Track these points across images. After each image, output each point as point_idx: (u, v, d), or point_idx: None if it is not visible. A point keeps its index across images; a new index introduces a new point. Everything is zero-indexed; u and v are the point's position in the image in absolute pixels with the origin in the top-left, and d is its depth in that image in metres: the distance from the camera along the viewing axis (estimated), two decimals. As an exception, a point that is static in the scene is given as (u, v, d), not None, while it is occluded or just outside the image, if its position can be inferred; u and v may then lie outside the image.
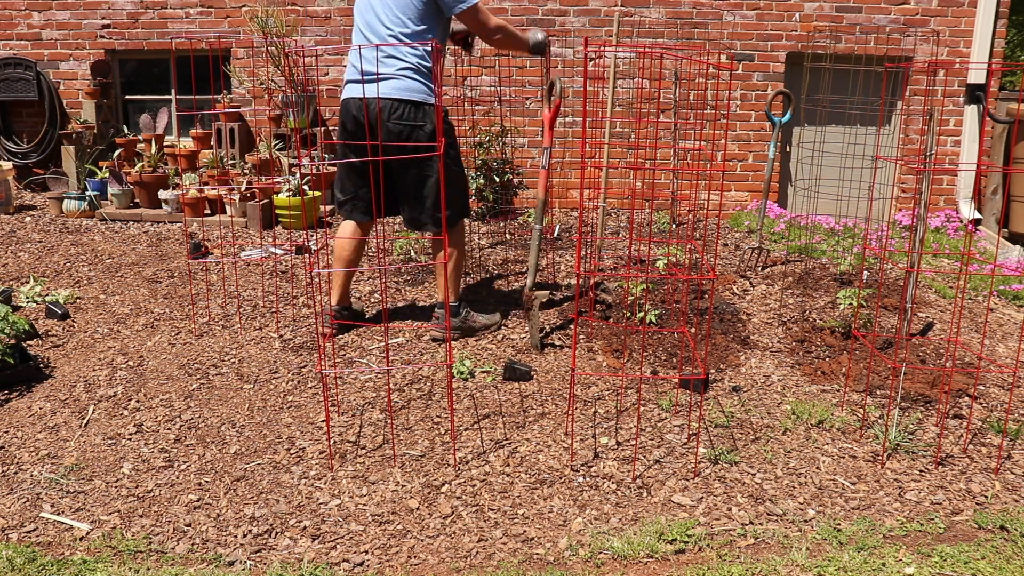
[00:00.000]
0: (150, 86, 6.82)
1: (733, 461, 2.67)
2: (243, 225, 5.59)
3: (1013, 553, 2.22)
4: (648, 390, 3.19)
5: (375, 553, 2.25)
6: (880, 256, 4.49)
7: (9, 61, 6.41)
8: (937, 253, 5.30)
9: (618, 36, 4.64)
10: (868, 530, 2.33)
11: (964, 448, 2.76)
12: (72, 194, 5.87)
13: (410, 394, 3.16)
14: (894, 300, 4.14)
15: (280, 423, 2.94)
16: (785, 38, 6.23)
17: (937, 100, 6.25)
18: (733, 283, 4.41)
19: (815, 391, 3.19)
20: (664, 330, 3.68)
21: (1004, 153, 6.38)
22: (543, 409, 3.03)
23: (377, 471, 2.62)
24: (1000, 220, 6.17)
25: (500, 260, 4.84)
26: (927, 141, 3.04)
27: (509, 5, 6.23)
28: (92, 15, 6.49)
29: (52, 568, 2.17)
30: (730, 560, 2.21)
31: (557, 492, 2.51)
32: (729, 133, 6.32)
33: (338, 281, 3.72)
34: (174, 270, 4.65)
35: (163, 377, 3.32)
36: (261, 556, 2.24)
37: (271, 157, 5.79)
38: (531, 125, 6.37)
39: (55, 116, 6.46)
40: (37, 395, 3.18)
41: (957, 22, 6.18)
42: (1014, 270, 4.82)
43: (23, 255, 4.91)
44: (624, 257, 4.90)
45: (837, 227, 5.69)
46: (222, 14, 6.41)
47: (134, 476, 2.62)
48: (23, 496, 2.51)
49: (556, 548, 2.26)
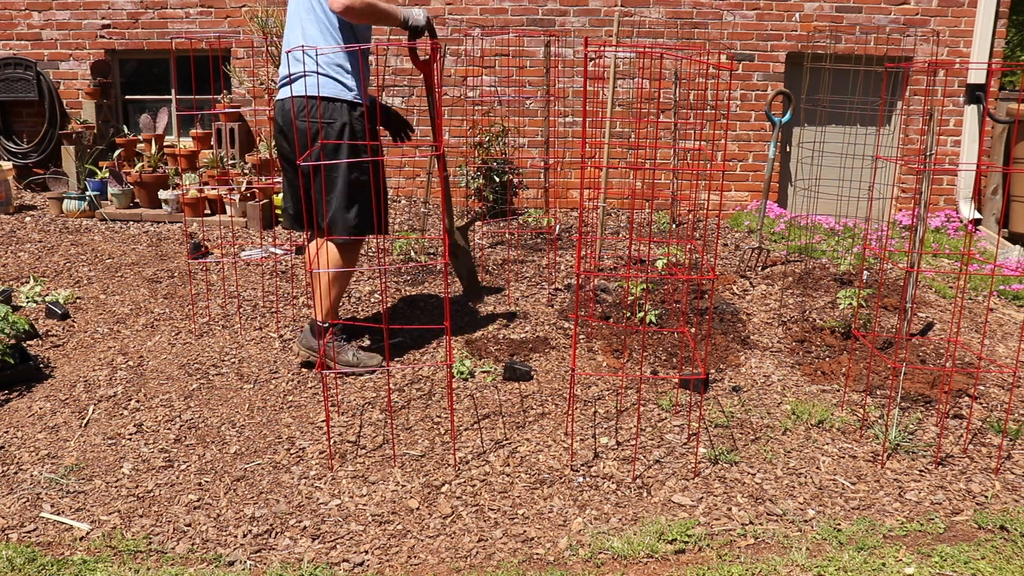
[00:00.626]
0: (150, 86, 6.82)
1: (733, 461, 2.67)
2: (243, 225, 5.59)
3: (1013, 553, 2.22)
4: (648, 390, 3.19)
5: (375, 553, 2.25)
6: (880, 256, 4.49)
7: (9, 61, 6.41)
8: (937, 253, 5.30)
9: (618, 36, 4.64)
10: (868, 530, 2.33)
11: (964, 448, 2.76)
12: (72, 194, 5.87)
13: (410, 394, 3.16)
14: (894, 300, 4.14)
15: (280, 423, 2.94)
16: (785, 38, 6.23)
17: (937, 100, 6.25)
18: (733, 283, 4.41)
19: (815, 391, 3.19)
20: (664, 330, 3.68)
21: (1004, 153, 6.38)
22: (543, 409, 3.03)
23: (377, 471, 2.62)
24: (1000, 220, 6.17)
25: (500, 260, 4.84)
26: (927, 141, 3.04)
27: (509, 5, 6.23)
28: (92, 15, 6.49)
29: (52, 568, 2.17)
30: (730, 560, 2.20)
31: (557, 492, 2.51)
32: (729, 133, 6.32)
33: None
34: (174, 270, 4.65)
35: (163, 377, 3.32)
36: (261, 556, 2.24)
37: (271, 157, 5.80)
38: (531, 125, 6.36)
39: (55, 116, 6.46)
40: (37, 395, 3.18)
41: (957, 22, 6.18)
42: (1014, 270, 4.82)
43: (23, 255, 4.91)
44: (624, 257, 4.90)
45: (837, 227, 5.69)
46: (222, 14, 6.41)
47: (134, 476, 2.62)
48: (23, 496, 2.51)
49: (556, 548, 2.26)
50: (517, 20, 6.25)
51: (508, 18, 6.27)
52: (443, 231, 3.31)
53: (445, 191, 3.16)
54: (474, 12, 6.27)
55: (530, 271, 4.61)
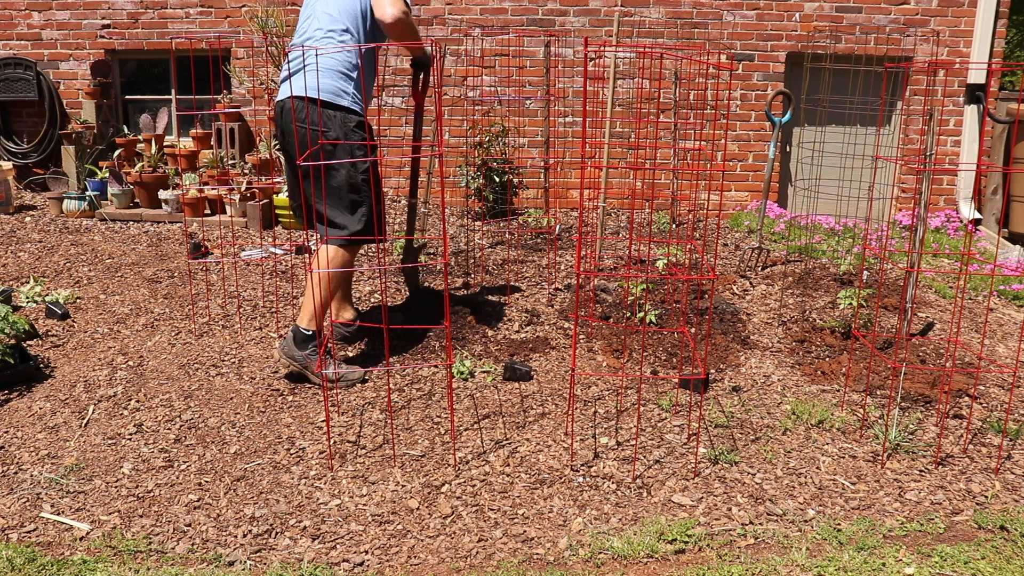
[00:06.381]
0: (150, 86, 6.82)
1: (733, 461, 2.67)
2: (243, 225, 5.59)
3: (1013, 553, 2.22)
4: (648, 390, 3.19)
5: (375, 553, 2.25)
6: (880, 256, 4.49)
7: (9, 61, 6.41)
8: (937, 253, 5.30)
9: (618, 36, 4.64)
10: (868, 530, 2.33)
11: (964, 448, 2.76)
12: (72, 194, 5.87)
13: (410, 394, 3.16)
14: (894, 300, 4.14)
15: (280, 423, 2.94)
16: (785, 38, 6.23)
17: (937, 100, 6.24)
18: (733, 283, 4.41)
19: (815, 391, 3.19)
20: (664, 330, 3.68)
21: (1004, 153, 6.38)
22: (543, 409, 3.03)
23: (377, 471, 2.62)
24: (1000, 220, 6.17)
25: (500, 260, 4.84)
26: (927, 141, 3.04)
27: (509, 5, 6.23)
28: (92, 15, 6.49)
29: (52, 568, 2.17)
30: (730, 560, 2.20)
31: (557, 492, 2.51)
32: (729, 133, 6.32)
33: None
34: (174, 270, 4.65)
35: (163, 377, 3.32)
36: (261, 556, 2.24)
37: (271, 157, 5.80)
38: (531, 125, 6.36)
39: (55, 116, 6.46)
40: (37, 395, 3.18)
41: (957, 22, 6.18)
42: (1014, 270, 4.82)
43: (23, 255, 4.91)
44: (624, 257, 4.90)
45: (837, 227, 5.69)
46: (222, 14, 6.41)
47: (134, 476, 2.62)
48: (23, 496, 2.51)
49: (556, 548, 2.26)
50: (517, 20, 6.25)
51: (508, 18, 6.26)
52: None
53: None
54: (474, 12, 6.27)
55: (530, 271, 4.61)
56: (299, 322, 3.17)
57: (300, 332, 3.16)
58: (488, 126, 5.76)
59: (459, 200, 6.11)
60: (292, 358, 3.18)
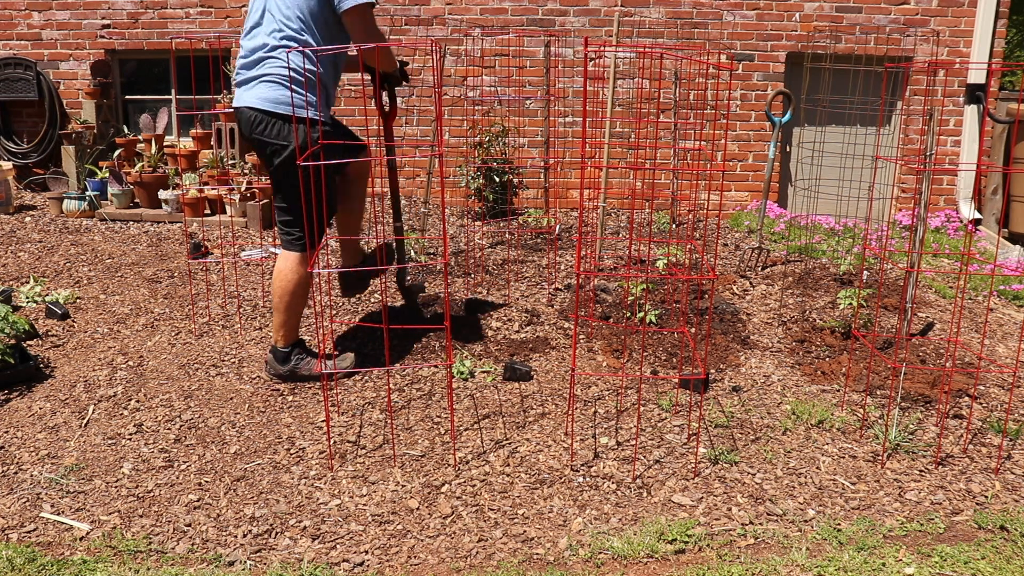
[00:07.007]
0: (150, 86, 6.82)
1: (733, 461, 2.67)
2: (243, 225, 5.59)
3: (1013, 553, 2.22)
4: (648, 390, 3.19)
5: (375, 553, 2.25)
6: (880, 256, 4.49)
7: (9, 61, 6.42)
8: (937, 253, 5.30)
9: (618, 36, 4.64)
10: (868, 530, 2.33)
11: (964, 448, 2.76)
12: (72, 194, 5.87)
13: (410, 394, 3.16)
14: (894, 300, 4.14)
15: (280, 423, 2.94)
16: (785, 38, 6.23)
17: (937, 100, 6.25)
18: (733, 283, 4.41)
19: (815, 391, 3.19)
20: (664, 330, 3.68)
21: (1004, 153, 6.38)
22: (543, 409, 3.03)
23: (377, 471, 2.62)
24: (1000, 220, 6.17)
25: (500, 260, 4.84)
26: (927, 141, 3.04)
27: (509, 5, 6.23)
28: (92, 15, 6.49)
29: (52, 568, 2.17)
30: (730, 560, 2.21)
31: (557, 492, 2.51)
32: (729, 133, 6.32)
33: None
34: (174, 270, 4.65)
35: (163, 377, 3.32)
36: (261, 556, 2.24)
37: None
38: (531, 125, 6.36)
39: (55, 116, 6.46)
40: (37, 395, 3.18)
41: (957, 22, 6.18)
42: (1014, 270, 4.82)
43: (23, 255, 4.91)
44: (624, 257, 4.90)
45: (837, 227, 5.69)
46: (222, 14, 6.41)
47: (134, 476, 2.62)
48: (23, 496, 2.51)
49: (556, 548, 2.26)
50: (517, 20, 6.25)
51: (508, 18, 6.26)
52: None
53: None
54: (474, 12, 6.27)
55: (530, 271, 4.61)
56: (275, 343, 3.20)
57: (278, 352, 3.19)
58: (488, 126, 5.76)
59: (459, 200, 6.11)
60: (280, 376, 3.22)
